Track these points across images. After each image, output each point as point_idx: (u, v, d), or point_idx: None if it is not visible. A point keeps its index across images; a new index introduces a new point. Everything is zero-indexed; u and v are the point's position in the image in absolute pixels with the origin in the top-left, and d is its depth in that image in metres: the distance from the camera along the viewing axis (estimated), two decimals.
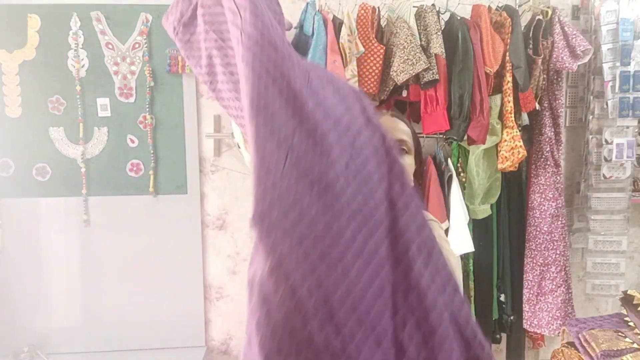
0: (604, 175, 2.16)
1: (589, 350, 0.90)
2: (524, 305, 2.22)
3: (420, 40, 1.97)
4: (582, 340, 0.92)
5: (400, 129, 1.07)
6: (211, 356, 2.45)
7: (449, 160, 2.10)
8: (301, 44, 2.02)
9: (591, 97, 2.22)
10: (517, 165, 2.06)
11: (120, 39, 2.25)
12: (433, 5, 2.02)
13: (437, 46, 1.94)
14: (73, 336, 2.34)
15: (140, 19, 2.24)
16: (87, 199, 2.30)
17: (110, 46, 2.25)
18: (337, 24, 1.99)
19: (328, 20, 1.96)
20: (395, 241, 0.57)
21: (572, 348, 0.98)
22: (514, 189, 2.27)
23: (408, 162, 1.06)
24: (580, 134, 2.36)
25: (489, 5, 2.08)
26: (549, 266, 2.16)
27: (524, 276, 2.22)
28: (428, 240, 0.59)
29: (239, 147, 0.83)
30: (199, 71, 0.73)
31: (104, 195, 2.31)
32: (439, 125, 1.97)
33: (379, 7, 2.09)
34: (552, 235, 2.15)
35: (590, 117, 2.22)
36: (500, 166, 2.06)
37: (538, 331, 2.19)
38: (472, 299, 2.16)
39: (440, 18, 2.04)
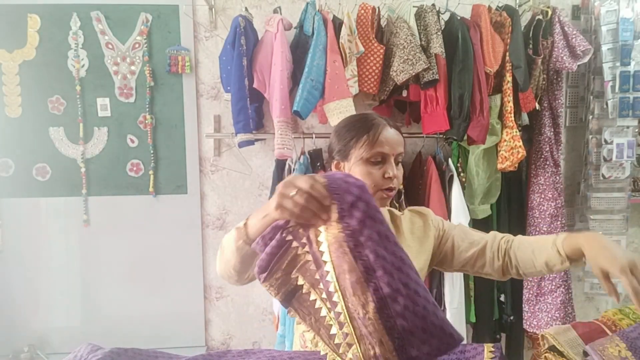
0: (602, 175, 2.16)
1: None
2: (523, 305, 2.22)
3: (420, 40, 1.97)
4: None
5: (400, 141, 1.09)
6: None
7: (450, 160, 2.10)
8: (301, 44, 2.03)
9: (591, 97, 2.22)
10: (516, 165, 2.06)
11: (120, 39, 2.25)
12: (433, 5, 2.01)
13: (437, 46, 1.94)
14: (73, 336, 2.34)
15: (140, 19, 2.24)
16: (87, 199, 2.30)
17: (110, 46, 2.25)
18: (337, 24, 1.99)
19: (328, 20, 1.96)
20: None
21: (555, 353, 0.98)
22: (514, 189, 2.27)
23: (401, 172, 1.11)
24: (581, 134, 2.36)
25: (489, 5, 2.08)
26: None
27: None
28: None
29: None
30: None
31: (104, 195, 2.31)
32: (439, 125, 1.97)
33: (379, 7, 2.09)
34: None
35: (590, 117, 2.22)
36: (499, 166, 2.06)
37: (537, 332, 2.19)
38: (473, 299, 2.16)
39: (440, 18, 2.04)
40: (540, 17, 2.07)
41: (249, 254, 0.90)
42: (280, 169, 2.16)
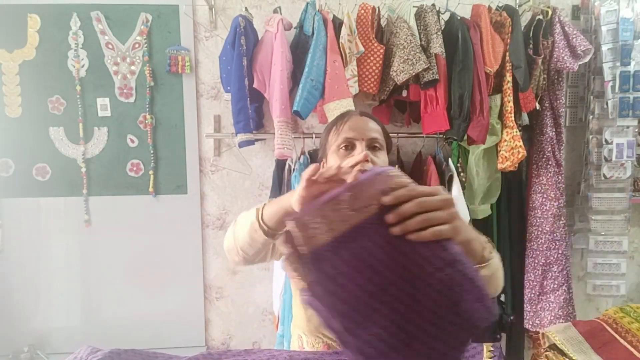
0: (604, 175, 2.16)
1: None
2: (525, 304, 2.22)
3: (420, 40, 1.97)
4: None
5: (370, 127, 1.09)
6: None
7: (450, 160, 2.10)
8: (301, 44, 2.03)
9: (591, 97, 2.21)
10: (516, 165, 2.05)
11: (120, 39, 2.25)
12: (433, 5, 2.01)
13: (437, 46, 1.94)
14: (73, 336, 2.34)
15: (140, 19, 2.24)
16: (87, 199, 2.30)
17: (110, 46, 2.25)
18: (337, 24, 1.99)
19: (328, 20, 1.96)
20: None
21: (556, 352, 0.97)
22: (514, 189, 2.26)
23: (382, 159, 1.09)
24: (581, 134, 2.36)
25: (489, 5, 2.08)
26: (551, 266, 2.16)
27: (526, 276, 2.21)
28: None
29: None
30: None
31: (104, 195, 2.31)
32: (439, 125, 1.97)
33: (379, 7, 2.09)
34: (554, 235, 2.15)
35: (591, 117, 2.21)
36: (500, 166, 2.06)
37: (540, 330, 2.19)
38: None
39: (440, 18, 2.03)
40: (540, 17, 2.07)
41: (260, 242, 0.94)
42: (280, 169, 2.16)
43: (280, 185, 2.14)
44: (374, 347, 0.63)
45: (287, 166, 2.13)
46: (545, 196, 2.17)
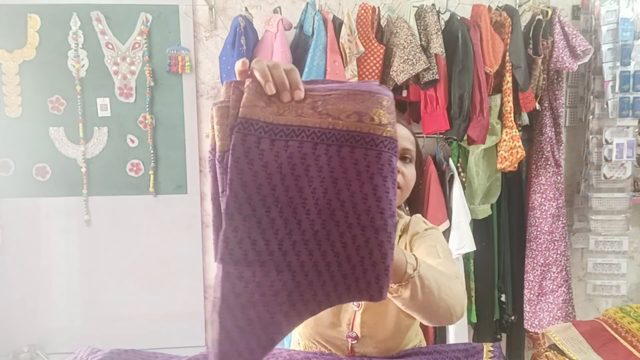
0: (604, 175, 2.16)
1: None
2: (524, 305, 2.22)
3: (420, 40, 1.97)
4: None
5: (403, 136, 0.98)
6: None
7: (450, 160, 2.10)
8: (301, 44, 2.03)
9: (591, 97, 2.21)
10: (516, 165, 2.05)
11: (120, 39, 2.25)
12: (433, 5, 2.01)
13: (437, 46, 1.94)
14: (73, 336, 2.34)
15: (140, 19, 2.24)
16: (87, 199, 2.30)
17: (110, 46, 2.25)
18: (337, 24, 1.99)
19: (328, 20, 1.96)
20: None
21: (556, 352, 0.97)
22: (514, 189, 2.27)
23: (410, 172, 0.98)
24: (581, 134, 2.36)
25: (489, 5, 2.08)
26: (550, 266, 2.16)
27: (525, 276, 2.21)
28: None
29: None
30: None
31: (104, 195, 2.31)
32: (439, 125, 1.97)
33: (379, 7, 2.09)
34: (553, 235, 2.15)
35: (591, 117, 2.21)
36: (499, 166, 2.06)
37: (539, 331, 2.19)
38: (474, 299, 2.16)
39: (440, 18, 2.04)
40: (540, 17, 2.07)
41: None
42: None
43: None
44: (244, 250, 0.54)
45: None
46: (544, 196, 2.17)
